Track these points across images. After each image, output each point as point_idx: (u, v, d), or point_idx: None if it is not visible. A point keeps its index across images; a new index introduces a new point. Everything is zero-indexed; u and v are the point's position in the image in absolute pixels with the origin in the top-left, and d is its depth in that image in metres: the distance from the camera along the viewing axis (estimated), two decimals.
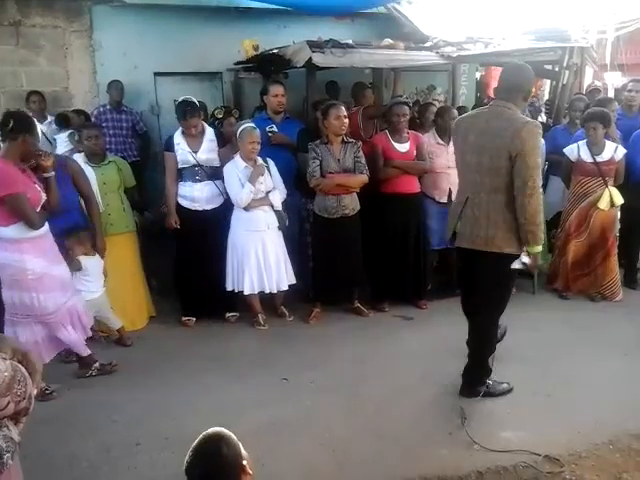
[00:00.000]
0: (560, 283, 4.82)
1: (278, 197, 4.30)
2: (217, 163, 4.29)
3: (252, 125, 4.26)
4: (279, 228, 4.34)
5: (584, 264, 4.75)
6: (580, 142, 4.63)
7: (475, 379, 3.31)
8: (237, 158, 4.23)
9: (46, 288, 3.30)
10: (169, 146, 4.29)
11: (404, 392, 3.40)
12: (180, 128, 4.25)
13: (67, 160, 3.82)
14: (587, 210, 4.62)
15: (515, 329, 4.20)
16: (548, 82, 7.73)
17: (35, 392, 1.60)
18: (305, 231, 4.68)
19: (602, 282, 4.71)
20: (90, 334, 3.69)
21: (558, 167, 5.01)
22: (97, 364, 3.68)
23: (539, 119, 6.40)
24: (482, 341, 3.30)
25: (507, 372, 3.47)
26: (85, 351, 3.61)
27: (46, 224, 3.33)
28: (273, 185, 4.30)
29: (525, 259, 3.05)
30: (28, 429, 2.84)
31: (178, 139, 4.24)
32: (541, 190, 2.98)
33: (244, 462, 1.65)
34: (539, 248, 3.04)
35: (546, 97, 8.16)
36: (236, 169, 4.19)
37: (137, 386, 3.53)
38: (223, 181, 4.27)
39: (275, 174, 4.35)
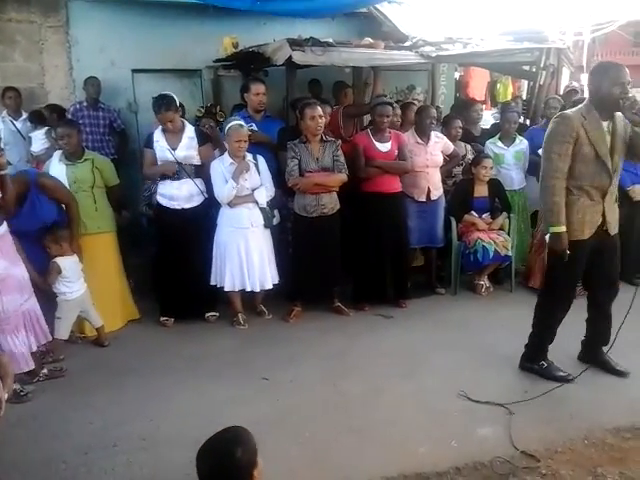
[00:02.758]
0: (537, 281, 4.88)
1: (264, 194, 4.27)
2: (197, 161, 4.25)
3: (240, 122, 4.23)
4: (265, 226, 4.32)
5: None
6: None
7: (525, 354, 3.59)
8: (225, 155, 4.23)
9: (8, 290, 3.18)
10: (148, 143, 4.25)
11: (383, 390, 3.41)
12: (160, 126, 4.20)
13: (38, 177, 3.72)
14: None
15: (492, 326, 4.30)
16: (526, 83, 7.82)
17: (6, 396, 1.56)
18: (286, 230, 4.68)
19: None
20: (50, 338, 3.57)
21: (535, 167, 5.08)
22: (45, 370, 3.59)
23: None
24: (534, 319, 3.53)
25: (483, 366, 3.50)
26: (28, 366, 3.29)
27: (4, 224, 3.22)
28: (260, 182, 4.28)
29: None
30: (2, 432, 2.80)
31: (157, 136, 4.20)
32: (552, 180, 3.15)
33: (254, 472, 1.63)
34: (553, 229, 3.16)
35: (524, 97, 8.25)
36: (222, 166, 4.18)
37: (114, 387, 3.49)
38: (204, 180, 4.24)
39: (264, 171, 4.32)
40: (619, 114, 3.15)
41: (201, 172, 4.26)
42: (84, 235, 4.05)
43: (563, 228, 3.15)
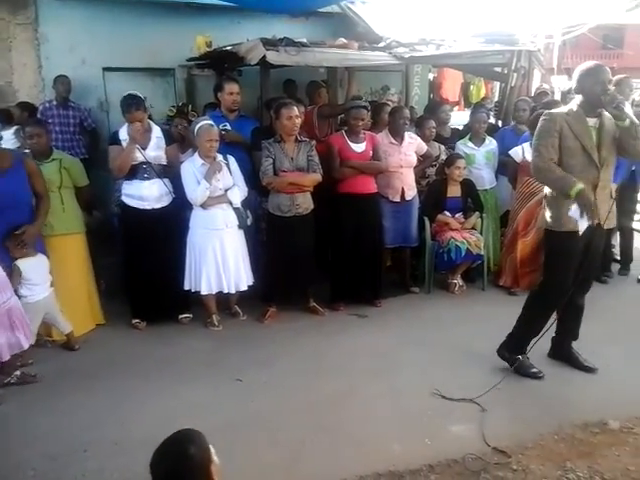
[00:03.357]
0: (508, 279, 4.95)
1: (237, 195, 4.25)
2: (165, 161, 4.21)
3: (210, 122, 4.20)
4: (240, 227, 4.29)
5: (532, 261, 4.88)
6: (525, 144, 4.77)
7: (506, 343, 3.62)
8: (195, 155, 4.18)
9: None
10: (115, 140, 4.14)
11: (358, 389, 3.42)
12: (127, 124, 4.13)
13: (25, 157, 3.72)
14: (534, 209, 4.75)
15: (465, 324, 4.35)
16: (498, 84, 7.93)
17: None
18: (261, 230, 4.66)
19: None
20: (33, 341, 3.54)
21: (506, 167, 5.17)
22: (18, 372, 3.52)
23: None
24: (525, 312, 3.58)
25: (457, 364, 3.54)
26: (5, 356, 3.32)
27: None
28: (233, 182, 4.25)
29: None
30: None
31: (124, 135, 4.11)
32: (546, 164, 3.27)
33: (212, 468, 1.62)
34: (573, 190, 3.16)
35: (496, 99, 8.38)
36: (193, 167, 4.14)
37: (84, 391, 3.43)
38: (171, 180, 4.20)
39: (236, 171, 4.30)
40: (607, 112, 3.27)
41: (168, 172, 4.22)
42: (52, 236, 3.97)
43: (580, 185, 3.17)
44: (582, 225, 3.19)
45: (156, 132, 4.21)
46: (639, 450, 2.81)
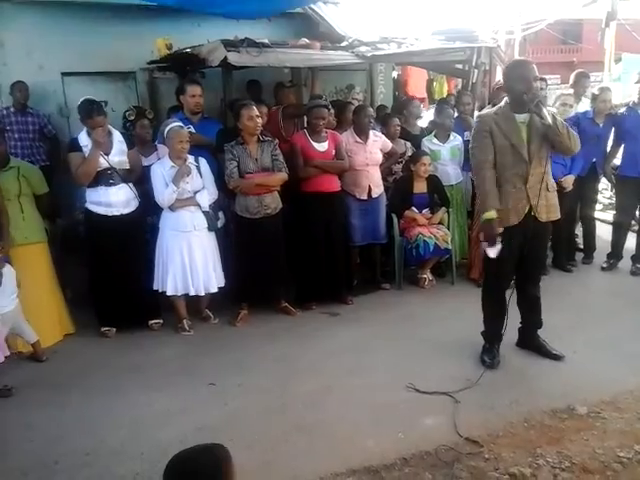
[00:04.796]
0: (476, 273, 5.03)
1: (206, 198, 4.22)
2: (128, 166, 4.15)
3: (180, 124, 4.17)
4: (210, 229, 4.26)
5: None
6: None
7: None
8: (165, 158, 4.16)
9: None
10: (75, 147, 4.04)
11: (332, 387, 3.43)
12: (85, 130, 4.05)
13: None
14: None
15: (436, 317, 4.41)
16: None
17: None
18: (230, 232, 4.63)
19: None
20: (8, 353, 3.45)
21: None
22: None
23: None
24: (481, 304, 3.71)
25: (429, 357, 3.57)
26: None
27: None
28: (202, 185, 4.22)
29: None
30: None
31: (85, 141, 4.02)
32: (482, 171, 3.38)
33: None
34: (485, 214, 3.33)
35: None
36: (162, 169, 4.10)
37: (53, 403, 3.36)
38: (134, 184, 4.15)
39: (206, 173, 4.27)
40: None
41: (131, 177, 4.17)
42: (12, 246, 3.85)
43: (492, 214, 3.30)
44: (491, 252, 3.33)
45: (117, 137, 4.15)
46: (606, 433, 2.88)
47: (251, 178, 4.18)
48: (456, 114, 5.60)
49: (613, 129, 5.25)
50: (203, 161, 4.28)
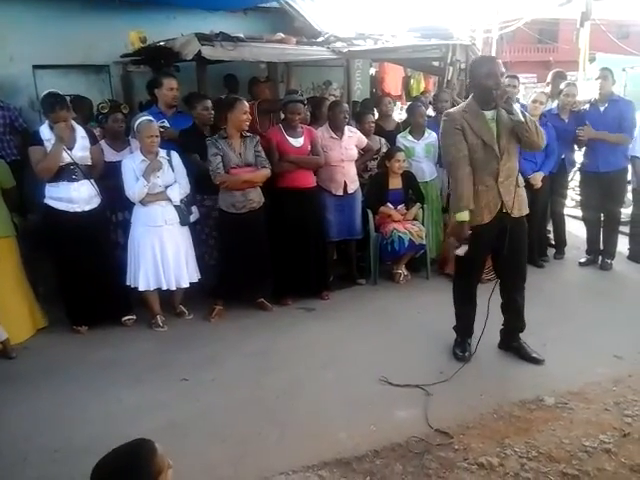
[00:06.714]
0: (450, 268, 5.07)
1: (177, 192, 4.18)
2: (90, 162, 4.09)
3: (149, 118, 4.12)
4: (182, 224, 4.22)
5: None
6: None
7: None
8: (136, 152, 4.11)
9: None
10: (36, 140, 3.95)
11: (305, 381, 3.45)
12: (46, 123, 3.97)
13: None
14: None
15: (411, 312, 4.45)
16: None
17: None
18: (202, 228, 4.60)
19: (487, 265, 5.03)
20: None
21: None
22: None
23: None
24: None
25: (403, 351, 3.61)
26: None
27: None
28: (174, 179, 4.19)
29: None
30: None
31: (47, 134, 3.93)
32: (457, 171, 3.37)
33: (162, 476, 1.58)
34: (458, 215, 3.36)
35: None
36: (133, 163, 4.06)
37: (23, 400, 3.31)
38: (96, 181, 4.11)
39: (178, 167, 4.23)
40: None
41: (93, 173, 4.12)
42: None
43: (465, 216, 3.32)
44: (459, 251, 3.43)
45: (80, 132, 4.08)
46: (573, 423, 2.95)
47: (237, 174, 4.15)
48: (434, 112, 5.64)
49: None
50: (175, 155, 4.24)
